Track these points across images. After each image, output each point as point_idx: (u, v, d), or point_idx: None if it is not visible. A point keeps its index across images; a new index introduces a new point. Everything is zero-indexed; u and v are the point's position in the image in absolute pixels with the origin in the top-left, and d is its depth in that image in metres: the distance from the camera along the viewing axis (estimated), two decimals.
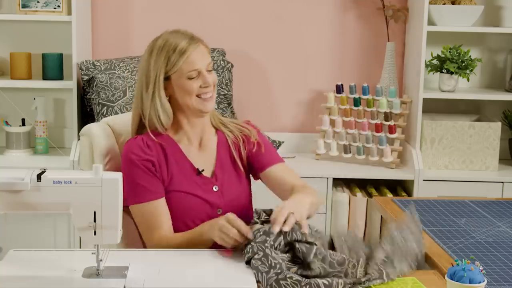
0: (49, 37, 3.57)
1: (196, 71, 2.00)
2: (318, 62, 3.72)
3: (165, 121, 2.03)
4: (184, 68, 1.99)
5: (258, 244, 1.72)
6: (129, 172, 2.00)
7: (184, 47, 1.98)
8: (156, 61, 2.00)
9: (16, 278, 1.60)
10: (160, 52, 2.00)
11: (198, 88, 2.00)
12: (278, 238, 1.74)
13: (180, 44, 1.99)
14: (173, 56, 1.98)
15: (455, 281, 1.59)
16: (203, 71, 2.01)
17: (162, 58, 1.99)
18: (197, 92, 2.00)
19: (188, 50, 1.98)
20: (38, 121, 3.49)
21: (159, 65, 1.99)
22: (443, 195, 3.25)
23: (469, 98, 3.55)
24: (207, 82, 2.00)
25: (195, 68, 1.99)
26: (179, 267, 1.70)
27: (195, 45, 2.00)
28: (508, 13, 3.63)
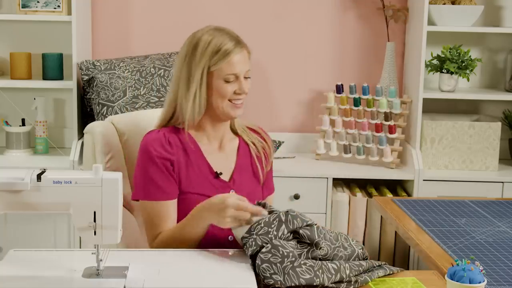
0: (49, 37, 3.57)
1: (234, 75, 1.98)
2: (318, 62, 3.72)
3: (197, 118, 2.02)
4: (224, 69, 1.97)
5: (262, 236, 1.73)
6: (145, 166, 1.98)
7: (230, 48, 1.97)
8: (202, 56, 1.97)
9: (16, 278, 1.60)
10: (206, 48, 1.97)
11: (232, 93, 1.99)
12: (280, 227, 1.74)
13: (226, 45, 1.97)
14: (217, 55, 1.96)
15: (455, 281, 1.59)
16: (240, 77, 1.99)
17: (208, 54, 1.97)
18: (230, 97, 1.99)
19: (232, 53, 1.97)
20: (38, 121, 3.49)
21: (205, 61, 1.97)
22: (443, 195, 3.25)
23: (469, 98, 3.55)
24: (242, 89, 1.99)
25: (234, 72, 1.98)
26: (179, 267, 1.70)
27: (240, 49, 1.99)
28: (508, 13, 3.63)
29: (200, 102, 1.99)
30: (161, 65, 3.35)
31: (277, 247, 1.69)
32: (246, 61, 2.01)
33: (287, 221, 1.75)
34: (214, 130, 2.07)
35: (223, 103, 1.99)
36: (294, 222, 1.76)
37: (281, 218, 1.76)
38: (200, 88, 1.98)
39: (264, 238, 1.73)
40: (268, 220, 1.76)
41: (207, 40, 1.98)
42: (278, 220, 1.76)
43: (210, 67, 1.97)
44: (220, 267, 1.71)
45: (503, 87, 3.65)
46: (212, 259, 1.77)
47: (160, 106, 3.24)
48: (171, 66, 3.36)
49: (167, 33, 3.64)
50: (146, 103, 3.23)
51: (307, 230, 1.75)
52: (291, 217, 1.76)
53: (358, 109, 3.52)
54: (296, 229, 1.76)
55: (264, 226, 1.75)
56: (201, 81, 1.98)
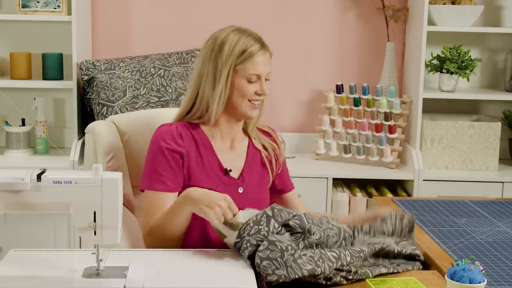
0: (49, 37, 3.57)
1: (257, 76, 2.03)
2: (318, 62, 3.72)
3: (218, 114, 2.05)
4: (248, 69, 2.01)
5: (254, 236, 1.73)
6: (153, 157, 2.02)
7: (256, 50, 2.02)
8: (230, 55, 2.01)
9: (16, 278, 1.60)
10: (233, 48, 2.02)
11: (253, 94, 2.04)
12: (270, 222, 1.75)
13: (252, 46, 2.02)
14: (244, 55, 2.01)
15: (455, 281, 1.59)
16: (262, 78, 2.04)
17: (236, 54, 2.01)
18: (250, 97, 2.04)
19: (257, 54, 2.02)
20: (38, 121, 3.49)
21: (232, 60, 2.01)
22: (443, 195, 3.25)
23: (469, 98, 3.55)
24: (263, 90, 2.05)
25: (257, 72, 2.02)
26: (179, 267, 1.70)
27: (264, 51, 2.05)
28: (508, 13, 3.63)
29: (223, 100, 2.03)
30: (161, 65, 3.35)
31: (274, 242, 1.69)
32: (268, 63, 2.07)
33: (274, 216, 1.77)
34: (229, 128, 2.10)
35: (243, 103, 2.04)
36: (282, 215, 1.78)
37: (268, 214, 1.77)
38: (226, 86, 2.02)
39: (257, 236, 1.73)
40: (256, 219, 1.77)
41: (234, 40, 2.03)
42: (266, 216, 1.77)
43: (236, 66, 2.02)
44: (220, 267, 1.71)
45: (503, 87, 3.65)
46: (212, 259, 1.77)
47: (160, 106, 3.24)
48: (171, 66, 3.36)
49: (167, 33, 3.64)
50: (146, 103, 3.23)
51: (297, 219, 1.77)
52: (277, 210, 1.78)
53: (358, 109, 3.52)
54: (285, 222, 1.77)
55: (253, 225, 1.76)
56: (227, 79, 2.02)
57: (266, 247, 1.69)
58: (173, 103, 3.27)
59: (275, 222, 1.76)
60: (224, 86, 2.02)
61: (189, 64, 3.41)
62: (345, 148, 3.51)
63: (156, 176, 2.00)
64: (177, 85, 3.31)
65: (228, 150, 2.10)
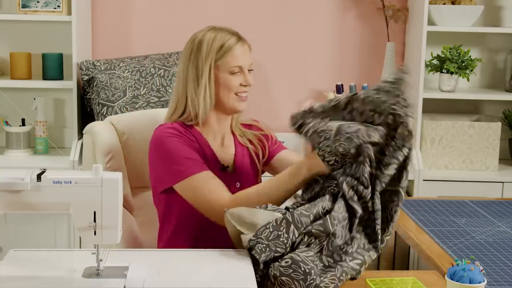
0: (49, 37, 3.57)
1: (238, 67, 2.06)
2: (318, 62, 3.72)
3: (208, 110, 2.06)
4: (229, 62, 2.04)
5: (274, 242, 1.70)
6: (170, 150, 1.98)
7: (233, 43, 2.06)
8: (208, 53, 2.05)
9: (16, 278, 1.60)
10: (211, 45, 2.05)
11: (238, 86, 2.06)
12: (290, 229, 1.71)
13: (229, 40, 2.06)
14: (222, 50, 2.05)
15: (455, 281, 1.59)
16: (245, 69, 2.08)
17: (214, 50, 2.05)
18: (236, 90, 2.06)
19: (235, 47, 2.06)
20: (38, 121, 3.49)
21: (212, 57, 2.04)
22: (443, 195, 3.25)
23: (469, 98, 3.55)
24: (248, 81, 2.07)
25: (238, 64, 2.06)
26: (179, 267, 1.70)
27: (242, 43, 2.09)
28: (508, 13, 3.63)
29: (210, 97, 2.05)
30: (161, 65, 3.35)
31: (298, 263, 1.66)
32: (248, 54, 2.10)
33: (295, 221, 1.72)
34: (219, 125, 2.12)
35: (230, 96, 2.06)
36: (302, 221, 1.72)
37: (288, 219, 1.72)
38: (209, 82, 2.05)
39: (276, 243, 1.70)
40: (276, 224, 1.72)
41: (211, 38, 2.06)
42: (285, 222, 1.72)
43: (216, 61, 2.05)
44: (220, 267, 1.71)
45: (503, 87, 3.65)
46: (212, 259, 1.77)
47: (160, 106, 3.24)
48: (171, 66, 3.36)
49: (167, 33, 3.64)
50: (146, 103, 3.23)
51: (319, 225, 1.72)
52: (297, 216, 1.73)
53: None
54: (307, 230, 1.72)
55: (273, 230, 1.72)
56: (209, 76, 2.04)
57: (289, 265, 1.66)
58: None
59: (295, 228, 1.71)
60: (208, 83, 2.04)
61: None
62: None
63: (190, 161, 1.97)
64: None
65: (220, 147, 2.12)
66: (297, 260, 1.67)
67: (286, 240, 1.71)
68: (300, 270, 1.65)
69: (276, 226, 1.72)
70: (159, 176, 2.02)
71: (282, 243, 1.70)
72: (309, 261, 1.67)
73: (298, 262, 1.67)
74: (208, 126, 2.10)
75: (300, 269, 1.66)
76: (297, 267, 1.66)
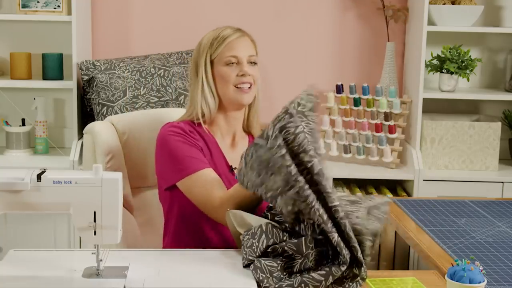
0: (49, 37, 3.57)
1: (235, 57, 2.01)
2: (318, 62, 3.72)
3: (212, 106, 2.03)
4: (224, 53, 2.01)
5: (249, 249, 1.71)
6: (172, 149, 1.98)
7: (228, 33, 2.03)
8: (203, 49, 2.04)
9: (16, 278, 1.60)
10: (207, 40, 2.04)
11: (235, 77, 2.01)
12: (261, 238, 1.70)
13: (225, 32, 2.03)
14: (216, 41, 2.02)
15: (455, 281, 1.59)
16: (242, 60, 2.02)
17: (209, 44, 2.03)
18: (234, 82, 2.01)
19: (230, 37, 2.02)
20: (38, 121, 3.49)
21: (206, 51, 2.03)
22: (443, 195, 3.25)
23: (469, 98, 3.55)
24: (244, 71, 2.01)
25: (233, 54, 2.01)
26: (179, 267, 1.70)
27: (239, 34, 2.04)
28: (508, 13, 3.63)
29: (211, 93, 2.02)
30: (161, 65, 3.35)
31: (256, 269, 1.64)
32: (249, 46, 2.05)
33: (267, 232, 1.71)
34: (227, 124, 2.09)
35: (229, 89, 2.02)
36: (274, 232, 1.70)
37: (263, 228, 1.72)
38: (206, 77, 2.02)
39: (250, 250, 1.70)
40: (253, 232, 1.73)
41: (209, 35, 2.06)
42: (260, 231, 1.72)
43: (211, 55, 2.03)
44: (220, 267, 1.71)
45: (503, 87, 3.65)
46: (212, 259, 1.77)
47: (160, 106, 3.24)
48: (171, 66, 3.36)
49: (167, 33, 3.64)
50: (146, 103, 3.23)
51: (293, 245, 1.64)
52: (271, 226, 1.71)
53: (358, 109, 3.52)
54: (281, 247, 1.67)
55: (250, 238, 1.73)
56: (205, 70, 2.02)
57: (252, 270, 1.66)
58: (173, 103, 3.27)
59: (265, 238, 1.70)
60: (205, 78, 2.02)
61: (189, 64, 3.41)
62: (345, 148, 3.51)
63: (190, 160, 1.95)
64: (177, 85, 3.31)
65: (230, 148, 2.10)
66: (256, 266, 1.65)
67: (256, 249, 1.69)
68: (262, 274, 1.63)
69: (253, 234, 1.73)
70: (163, 174, 2.03)
71: (253, 252, 1.70)
72: (267, 271, 1.64)
73: (257, 268, 1.65)
74: (216, 125, 2.08)
75: (256, 275, 1.64)
76: (254, 273, 1.65)
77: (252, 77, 2.03)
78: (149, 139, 2.21)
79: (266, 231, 1.71)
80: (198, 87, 2.03)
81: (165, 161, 2.01)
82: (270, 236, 1.70)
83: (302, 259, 1.64)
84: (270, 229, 1.72)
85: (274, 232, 1.71)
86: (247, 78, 2.02)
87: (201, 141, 2.04)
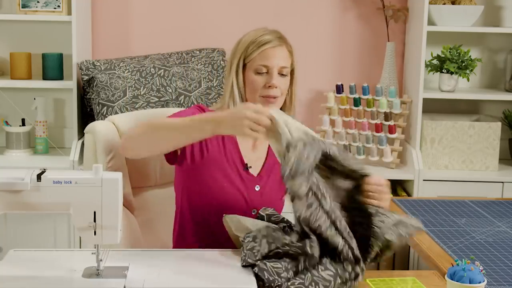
0: (49, 37, 3.57)
1: (266, 67, 1.97)
2: (318, 62, 3.72)
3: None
4: (257, 60, 1.98)
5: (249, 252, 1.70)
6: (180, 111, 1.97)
7: (265, 40, 1.98)
8: (239, 49, 2.00)
9: (16, 278, 1.60)
10: (245, 41, 2.00)
11: (262, 87, 1.97)
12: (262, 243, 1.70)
13: (263, 37, 1.99)
14: (252, 46, 1.98)
15: (455, 281, 1.59)
16: (273, 70, 1.97)
17: (245, 46, 1.99)
18: (260, 92, 1.98)
19: (267, 44, 1.98)
20: (38, 121, 3.49)
21: (240, 52, 2.00)
22: (443, 195, 3.25)
23: (469, 98, 3.55)
24: (271, 82, 1.96)
25: (265, 63, 1.97)
26: (179, 267, 1.70)
27: (277, 43, 1.99)
28: (508, 13, 3.63)
29: (238, 96, 2.00)
30: (161, 65, 3.35)
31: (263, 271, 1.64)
32: (283, 57, 2.00)
33: (268, 236, 1.71)
34: None
35: (256, 98, 1.99)
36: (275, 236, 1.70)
37: (263, 233, 1.72)
38: (237, 79, 2.00)
39: (251, 253, 1.69)
40: (255, 234, 1.73)
41: (250, 34, 2.02)
42: (261, 236, 1.72)
43: (245, 58, 1.99)
44: (220, 267, 1.71)
45: (503, 87, 3.65)
46: (212, 259, 1.77)
47: (160, 106, 3.24)
48: (171, 66, 3.36)
49: (167, 33, 3.64)
50: (146, 103, 3.23)
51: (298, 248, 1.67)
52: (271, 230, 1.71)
53: (358, 109, 3.52)
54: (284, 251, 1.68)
55: (251, 240, 1.72)
56: (237, 72, 2.00)
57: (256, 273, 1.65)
58: (173, 103, 3.27)
59: (266, 243, 1.70)
60: (235, 80, 1.99)
61: (189, 64, 3.41)
62: (345, 148, 3.51)
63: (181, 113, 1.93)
64: (177, 85, 3.31)
65: (250, 148, 2.07)
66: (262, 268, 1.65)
67: (257, 253, 1.69)
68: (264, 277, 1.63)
69: (254, 237, 1.72)
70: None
71: (253, 255, 1.69)
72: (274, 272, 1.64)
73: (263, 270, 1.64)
74: None
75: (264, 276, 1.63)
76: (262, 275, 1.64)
77: (279, 89, 1.99)
78: None
79: (267, 235, 1.71)
80: (229, 88, 2.01)
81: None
82: (271, 240, 1.70)
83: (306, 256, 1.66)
84: (271, 233, 1.72)
85: (275, 236, 1.71)
86: (274, 91, 1.98)
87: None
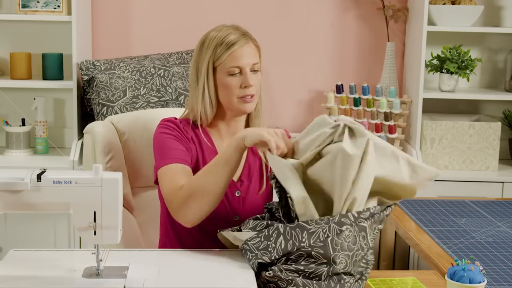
0: (49, 37, 3.57)
1: (238, 68, 1.94)
2: (318, 62, 3.72)
3: (210, 114, 1.99)
4: (227, 63, 1.94)
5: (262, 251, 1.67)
6: (158, 141, 1.95)
7: (232, 41, 1.94)
8: (206, 52, 1.96)
9: (16, 278, 1.60)
10: (210, 44, 1.96)
11: (238, 88, 1.95)
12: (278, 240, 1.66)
13: (230, 37, 1.95)
14: (220, 48, 1.94)
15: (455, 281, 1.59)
16: (246, 70, 1.94)
17: (211, 49, 1.95)
18: (237, 94, 1.95)
19: (235, 45, 1.94)
20: (38, 121, 3.49)
21: (208, 56, 1.95)
22: (443, 195, 3.25)
23: (469, 98, 3.55)
24: (247, 82, 1.94)
25: (237, 64, 1.94)
26: (179, 267, 1.70)
27: (244, 41, 1.96)
28: (508, 13, 3.63)
29: (210, 98, 1.97)
30: (161, 65, 3.35)
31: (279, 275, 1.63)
32: (253, 54, 1.97)
33: (285, 233, 1.65)
34: (227, 126, 2.04)
35: (232, 100, 1.96)
36: (293, 234, 1.64)
37: (280, 230, 1.66)
38: (208, 83, 1.96)
39: (264, 252, 1.67)
40: (267, 234, 1.68)
41: (213, 36, 1.97)
42: (276, 233, 1.67)
43: (214, 61, 1.96)
44: (220, 267, 1.71)
45: (503, 87, 3.65)
46: (212, 259, 1.77)
47: (160, 106, 3.24)
48: (171, 66, 3.36)
49: (167, 33, 3.64)
50: (146, 103, 3.23)
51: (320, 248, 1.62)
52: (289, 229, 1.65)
53: (358, 109, 3.52)
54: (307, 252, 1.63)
55: (263, 240, 1.68)
56: (207, 76, 1.96)
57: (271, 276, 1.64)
58: (173, 103, 3.27)
59: (283, 239, 1.65)
60: (206, 84, 1.96)
61: (189, 64, 3.41)
62: None
63: (171, 152, 1.91)
64: (177, 85, 3.31)
65: None
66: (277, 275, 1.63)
67: (273, 250, 1.65)
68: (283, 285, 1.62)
69: (267, 236, 1.68)
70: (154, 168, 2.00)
71: (269, 253, 1.66)
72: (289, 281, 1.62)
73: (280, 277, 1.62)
74: (215, 127, 2.04)
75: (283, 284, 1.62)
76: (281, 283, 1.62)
77: (255, 87, 1.98)
78: (149, 139, 2.21)
79: (285, 233, 1.65)
80: (199, 94, 1.98)
81: (154, 153, 1.98)
82: (289, 237, 1.64)
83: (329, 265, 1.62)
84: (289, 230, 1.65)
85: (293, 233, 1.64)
86: (250, 89, 1.96)
87: (194, 139, 1.99)
